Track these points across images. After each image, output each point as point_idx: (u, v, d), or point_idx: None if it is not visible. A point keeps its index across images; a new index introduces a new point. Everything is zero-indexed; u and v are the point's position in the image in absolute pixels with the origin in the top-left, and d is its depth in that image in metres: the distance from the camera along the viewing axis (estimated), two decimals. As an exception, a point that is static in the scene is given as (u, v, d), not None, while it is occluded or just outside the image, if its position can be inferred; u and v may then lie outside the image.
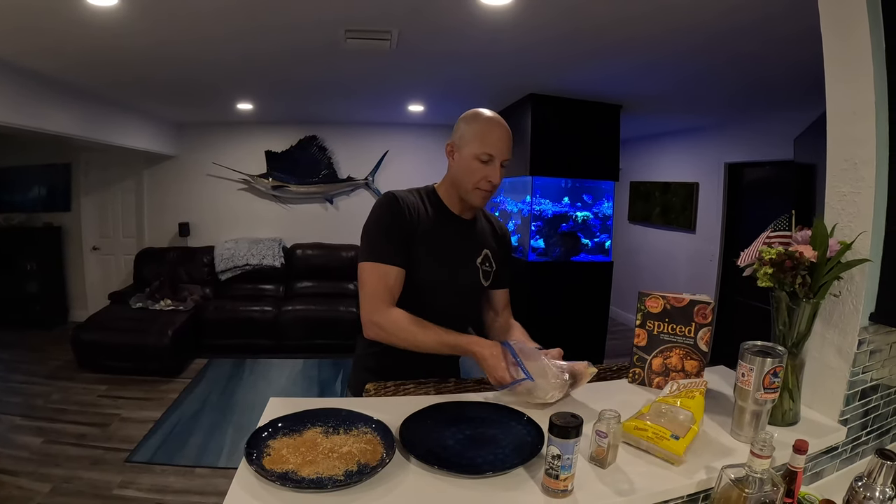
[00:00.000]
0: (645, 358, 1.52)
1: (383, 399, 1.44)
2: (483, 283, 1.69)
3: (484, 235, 1.72)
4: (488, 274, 1.70)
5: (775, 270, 1.21)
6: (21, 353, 5.42)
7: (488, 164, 1.51)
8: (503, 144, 1.52)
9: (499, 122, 1.55)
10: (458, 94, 4.82)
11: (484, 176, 1.51)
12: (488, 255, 1.69)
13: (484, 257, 1.68)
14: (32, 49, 3.32)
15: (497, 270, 1.73)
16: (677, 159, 6.12)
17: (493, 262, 1.71)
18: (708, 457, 1.09)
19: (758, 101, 4.24)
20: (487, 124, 1.53)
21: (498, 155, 1.51)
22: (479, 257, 1.67)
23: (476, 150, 1.51)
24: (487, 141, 1.51)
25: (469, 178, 1.54)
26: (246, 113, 5.85)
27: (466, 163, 1.53)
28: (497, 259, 1.73)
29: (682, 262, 5.99)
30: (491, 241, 1.73)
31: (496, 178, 1.52)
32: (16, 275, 6.25)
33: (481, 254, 1.68)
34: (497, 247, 1.74)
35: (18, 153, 6.32)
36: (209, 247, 6.52)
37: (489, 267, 1.70)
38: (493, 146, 1.50)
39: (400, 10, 2.69)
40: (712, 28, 2.64)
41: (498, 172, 1.52)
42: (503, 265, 1.77)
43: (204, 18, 2.79)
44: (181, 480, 3.19)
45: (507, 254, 1.81)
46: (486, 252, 1.69)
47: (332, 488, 0.96)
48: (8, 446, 3.50)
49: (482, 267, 1.68)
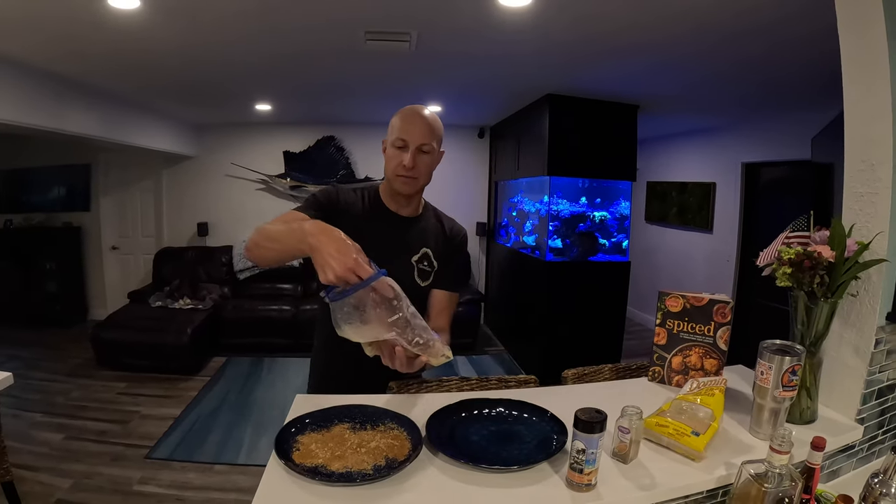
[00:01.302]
0: (665, 356, 1.54)
1: (407, 396, 1.47)
2: (419, 283, 1.63)
3: (426, 234, 1.68)
4: (427, 273, 1.65)
5: (794, 270, 1.23)
6: (41, 352, 5.50)
7: (403, 149, 1.52)
8: (417, 129, 1.52)
9: (415, 110, 1.56)
10: (476, 94, 4.86)
11: (400, 161, 1.52)
12: (428, 253, 1.66)
13: (423, 255, 1.65)
14: (53, 51, 3.38)
15: (438, 270, 1.68)
16: (694, 159, 6.10)
17: (435, 261, 1.67)
18: (727, 453, 1.12)
19: (774, 101, 4.23)
20: (403, 113, 1.56)
21: (411, 140, 1.52)
22: (417, 255, 1.64)
23: (392, 138, 1.55)
24: (401, 127, 1.53)
25: (389, 166, 1.56)
26: (264, 113, 5.90)
27: (388, 153, 1.57)
28: (440, 259, 1.68)
29: (700, 262, 5.97)
30: (435, 241, 1.69)
31: (410, 161, 1.51)
32: (36, 274, 6.35)
33: (419, 251, 1.64)
34: (443, 247, 1.70)
35: (38, 154, 6.43)
36: (227, 246, 6.59)
37: (428, 266, 1.65)
38: (405, 131, 1.52)
39: (419, 12, 2.72)
40: (727, 28, 2.64)
41: (412, 157, 1.51)
42: (449, 266, 1.71)
43: (224, 20, 2.84)
44: (201, 477, 3.23)
45: (455, 255, 1.75)
46: (425, 250, 1.65)
47: (361, 482, 0.99)
48: (29, 442, 3.56)
49: (419, 265, 1.64)
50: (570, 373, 1.73)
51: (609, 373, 1.79)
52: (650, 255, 6.85)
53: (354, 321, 1.16)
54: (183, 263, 6.33)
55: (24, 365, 5.01)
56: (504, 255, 6.20)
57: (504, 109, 5.58)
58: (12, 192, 6.70)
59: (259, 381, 4.89)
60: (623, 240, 5.11)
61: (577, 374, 1.74)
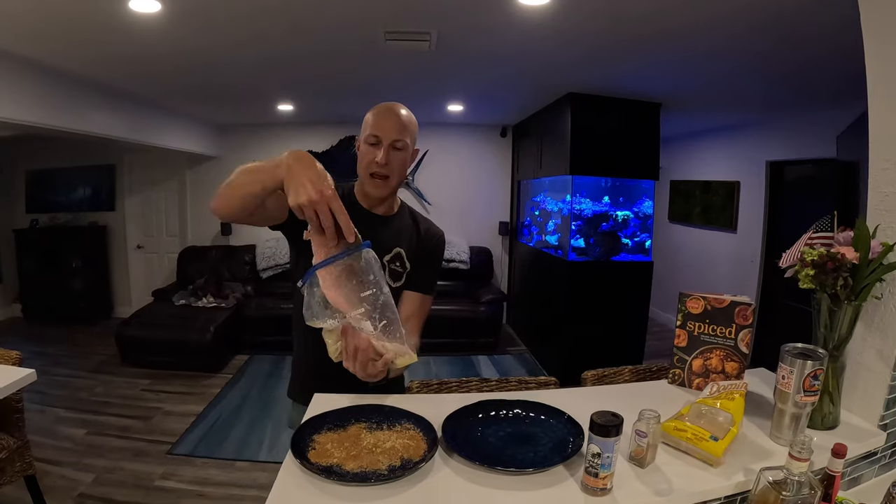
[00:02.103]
0: (685, 359, 1.52)
1: (425, 396, 1.47)
2: (391, 283, 1.56)
3: (399, 233, 1.64)
4: (398, 274, 1.62)
5: (817, 272, 1.21)
6: (66, 348, 5.62)
7: (376, 146, 1.49)
8: (390, 125, 1.49)
9: (389, 106, 1.53)
10: (498, 93, 4.85)
11: (372, 158, 1.49)
12: (401, 253, 1.62)
13: (395, 255, 1.61)
14: (78, 56, 3.45)
15: (410, 271, 1.64)
16: (718, 157, 6.02)
17: (407, 262, 1.63)
18: (746, 459, 1.10)
19: (798, 98, 4.15)
20: (376, 110, 1.53)
21: (383, 135, 1.48)
22: (389, 255, 1.60)
23: (365, 135, 1.51)
24: (374, 123, 1.50)
25: (361, 165, 1.53)
26: (286, 114, 5.95)
27: (361, 150, 1.54)
28: (413, 260, 1.64)
29: (723, 262, 5.89)
30: (409, 241, 1.65)
31: (383, 158, 1.47)
32: (62, 272, 6.49)
33: (391, 251, 1.61)
34: (417, 248, 1.66)
35: (65, 155, 6.56)
36: (251, 245, 6.67)
37: (400, 267, 1.62)
38: (378, 127, 1.49)
39: (439, 12, 2.73)
40: (746, 19, 2.59)
41: (385, 153, 1.48)
42: (422, 268, 1.67)
43: (243, 22, 2.87)
44: (221, 473, 3.27)
45: (430, 258, 1.70)
46: (398, 250, 1.62)
47: (375, 482, 0.99)
48: (53, 437, 3.63)
49: (391, 265, 1.60)
50: (589, 374, 1.72)
51: (629, 375, 1.78)
52: (673, 254, 6.77)
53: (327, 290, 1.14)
54: (206, 262, 6.42)
55: (49, 361, 5.12)
56: (526, 254, 6.19)
57: (526, 108, 5.56)
58: (39, 192, 6.86)
59: (281, 379, 4.93)
60: (646, 239, 5.06)
61: (596, 375, 1.73)
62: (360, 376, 1.23)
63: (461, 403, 1.30)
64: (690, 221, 6.52)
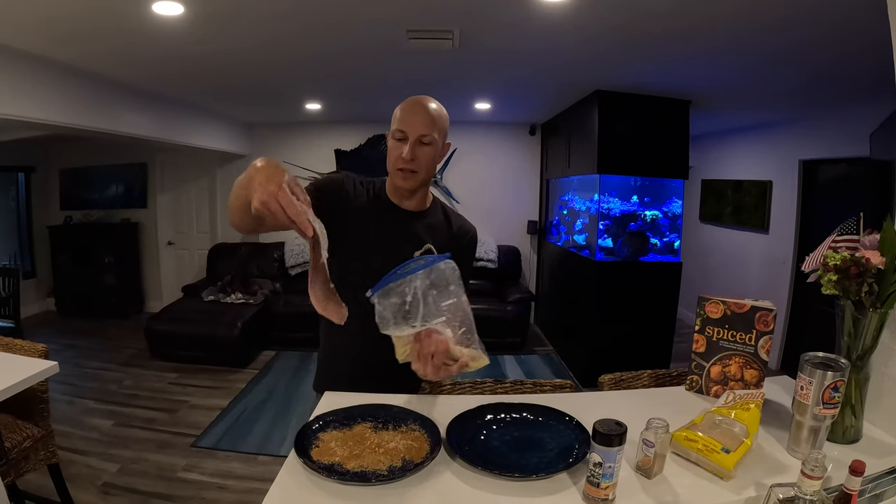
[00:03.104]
0: (703, 365, 1.48)
1: (437, 397, 1.46)
2: None
3: (431, 229, 1.63)
4: None
5: (840, 277, 1.15)
6: (98, 342, 5.77)
7: (403, 141, 1.48)
8: (417, 119, 1.47)
9: (417, 100, 1.51)
10: (524, 91, 4.81)
11: (399, 153, 1.48)
12: (431, 249, 1.59)
13: (425, 251, 1.58)
14: (105, 57, 3.52)
15: None
16: (750, 156, 5.87)
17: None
18: (760, 473, 1.05)
19: (829, 94, 4.01)
20: (405, 104, 1.52)
21: (410, 130, 1.47)
22: (419, 250, 1.57)
23: (393, 129, 1.50)
24: (401, 118, 1.49)
25: (390, 160, 1.52)
26: (314, 112, 5.99)
27: (389, 145, 1.53)
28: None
29: (754, 263, 5.74)
30: (440, 238, 1.62)
31: (408, 154, 1.46)
32: (95, 268, 6.67)
33: (422, 247, 1.58)
34: (448, 245, 1.61)
35: (98, 154, 6.74)
36: (280, 243, 6.74)
37: None
38: (404, 122, 1.48)
39: (460, 10, 2.71)
40: (773, 11, 2.50)
41: (410, 149, 1.46)
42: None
43: (266, 22, 2.89)
44: (244, 467, 3.31)
45: (463, 255, 1.66)
46: (428, 246, 1.59)
47: (375, 482, 0.98)
48: (80, 428, 3.73)
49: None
50: (606, 378, 1.68)
51: (648, 379, 1.73)
52: (704, 255, 6.64)
53: (404, 307, 1.16)
54: (236, 259, 6.51)
55: (80, 354, 5.26)
56: (555, 254, 6.13)
57: (554, 106, 5.51)
58: (73, 189, 7.06)
59: (307, 375, 4.96)
60: (675, 240, 4.97)
61: (613, 379, 1.69)
62: (430, 378, 1.22)
63: (472, 405, 1.29)
64: (721, 222, 6.37)
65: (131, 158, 6.80)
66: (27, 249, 6.88)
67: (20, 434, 2.18)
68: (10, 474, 2.09)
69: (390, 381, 1.45)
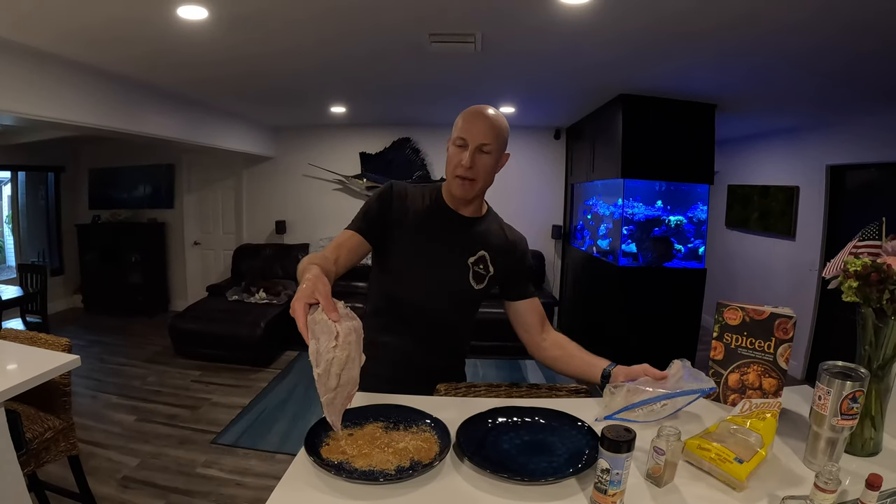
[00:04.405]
0: (721, 373, 1.45)
1: (452, 399, 1.46)
2: (473, 285, 1.61)
3: (486, 236, 1.65)
4: (482, 277, 1.62)
5: (860, 284, 1.12)
6: (123, 339, 5.89)
7: (463, 148, 1.49)
8: (477, 128, 1.49)
9: (479, 109, 1.53)
10: (548, 94, 4.81)
11: (459, 160, 1.49)
12: (485, 256, 1.63)
13: (479, 258, 1.62)
14: (132, 61, 3.61)
15: (502, 277, 1.67)
16: (777, 161, 5.76)
17: (491, 266, 1.64)
18: (774, 484, 1.02)
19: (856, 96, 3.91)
20: (466, 113, 1.53)
21: (470, 138, 1.48)
22: (473, 257, 1.61)
23: (454, 137, 1.52)
24: (463, 126, 1.50)
25: (449, 166, 1.54)
26: (339, 116, 6.05)
27: (449, 152, 1.54)
28: (497, 265, 1.65)
29: (781, 270, 5.63)
30: (494, 246, 1.66)
31: (468, 161, 1.48)
32: (122, 266, 6.82)
33: (476, 253, 1.62)
34: (502, 254, 1.67)
35: (126, 154, 6.89)
36: (304, 244, 6.82)
37: (484, 270, 1.62)
38: (465, 130, 1.49)
39: (481, 13, 2.72)
40: (793, 12, 2.46)
41: (469, 156, 1.48)
42: (518, 276, 1.70)
43: (288, 27, 2.93)
44: (262, 465, 3.35)
45: (522, 263, 1.72)
46: (482, 253, 1.62)
47: (383, 482, 0.99)
48: (103, 422, 3.82)
49: (475, 267, 1.61)
50: (626, 384, 1.66)
51: (665, 386, 1.70)
52: (731, 261, 6.54)
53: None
54: (260, 259, 6.59)
55: (105, 350, 5.38)
56: (579, 258, 6.10)
57: (578, 110, 5.48)
58: (101, 189, 7.23)
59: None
60: (700, 245, 4.90)
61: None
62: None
63: (485, 408, 1.28)
64: (748, 228, 6.26)
65: (158, 159, 6.94)
66: (56, 247, 7.05)
67: (42, 425, 2.23)
68: (30, 464, 2.13)
69: (431, 381, 1.55)
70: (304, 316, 1.05)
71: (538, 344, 1.68)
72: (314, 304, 1.07)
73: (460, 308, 1.68)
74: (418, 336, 1.62)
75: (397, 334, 1.60)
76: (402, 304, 1.60)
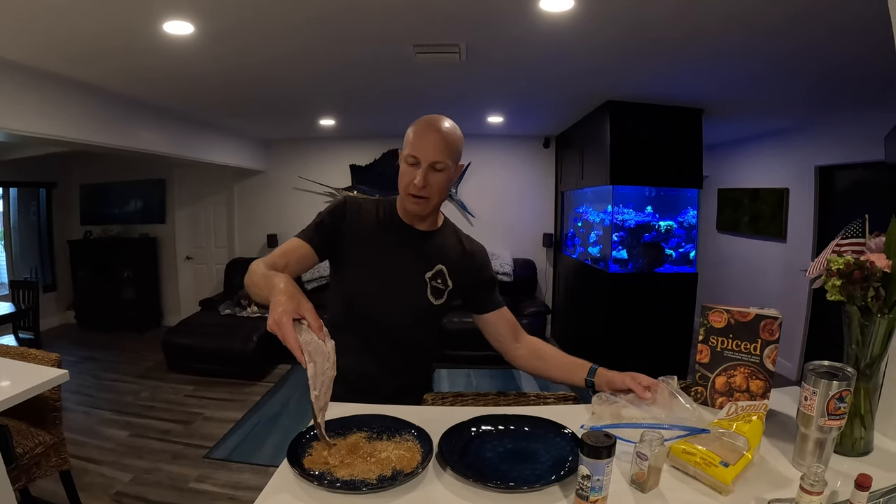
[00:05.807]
0: (708, 376, 1.43)
1: (439, 408, 1.44)
2: (432, 301, 1.56)
3: (443, 249, 1.60)
4: (440, 291, 1.57)
5: (844, 282, 1.11)
6: (116, 354, 5.85)
7: (415, 166, 1.43)
8: (429, 145, 1.41)
9: (430, 123, 1.45)
10: (535, 103, 4.82)
11: (411, 179, 1.43)
12: (443, 270, 1.58)
13: (437, 272, 1.57)
14: (120, 76, 3.60)
15: (462, 291, 1.62)
16: (766, 164, 5.78)
17: (450, 280, 1.58)
18: (761, 487, 1.00)
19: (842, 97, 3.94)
20: (418, 126, 1.46)
21: (422, 157, 1.41)
22: (431, 271, 1.56)
23: (404, 153, 1.46)
24: (413, 142, 1.44)
25: (401, 183, 1.48)
26: (329, 128, 6.05)
27: (400, 168, 1.48)
28: (456, 278, 1.60)
29: (773, 273, 5.64)
30: (451, 258, 1.60)
31: (420, 181, 1.41)
32: (114, 282, 6.77)
33: (433, 268, 1.57)
34: (461, 266, 1.61)
35: (117, 170, 6.86)
36: (296, 257, 6.76)
37: (442, 284, 1.58)
38: (417, 147, 1.43)
39: (464, 24, 2.73)
40: (773, 16, 2.47)
41: (423, 175, 1.41)
42: (482, 288, 1.66)
43: (274, 39, 2.93)
44: (255, 478, 3.31)
45: (483, 274, 1.67)
46: (440, 267, 1.57)
47: (365, 491, 0.98)
48: (96, 438, 3.78)
49: (432, 282, 1.56)
50: (616, 390, 1.65)
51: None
52: (723, 265, 6.55)
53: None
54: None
55: (98, 366, 5.34)
56: (570, 266, 6.09)
57: (566, 118, 5.50)
58: (93, 205, 7.20)
59: (319, 389, 4.96)
60: (690, 250, 4.90)
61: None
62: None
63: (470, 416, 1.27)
64: (739, 231, 6.28)
65: (150, 174, 6.92)
66: (48, 263, 7.02)
67: (32, 440, 2.22)
68: (21, 479, 2.13)
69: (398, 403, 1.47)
70: (293, 333, 1.04)
71: (513, 353, 1.66)
72: (297, 320, 1.06)
73: (421, 325, 1.62)
74: (380, 357, 1.56)
75: (357, 355, 1.51)
76: (360, 321, 1.53)
